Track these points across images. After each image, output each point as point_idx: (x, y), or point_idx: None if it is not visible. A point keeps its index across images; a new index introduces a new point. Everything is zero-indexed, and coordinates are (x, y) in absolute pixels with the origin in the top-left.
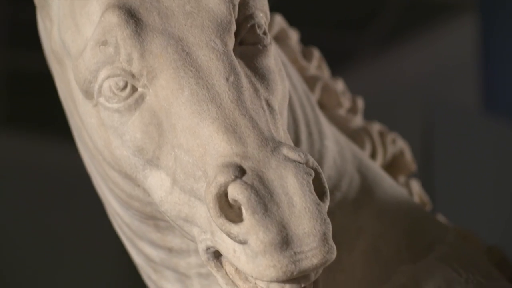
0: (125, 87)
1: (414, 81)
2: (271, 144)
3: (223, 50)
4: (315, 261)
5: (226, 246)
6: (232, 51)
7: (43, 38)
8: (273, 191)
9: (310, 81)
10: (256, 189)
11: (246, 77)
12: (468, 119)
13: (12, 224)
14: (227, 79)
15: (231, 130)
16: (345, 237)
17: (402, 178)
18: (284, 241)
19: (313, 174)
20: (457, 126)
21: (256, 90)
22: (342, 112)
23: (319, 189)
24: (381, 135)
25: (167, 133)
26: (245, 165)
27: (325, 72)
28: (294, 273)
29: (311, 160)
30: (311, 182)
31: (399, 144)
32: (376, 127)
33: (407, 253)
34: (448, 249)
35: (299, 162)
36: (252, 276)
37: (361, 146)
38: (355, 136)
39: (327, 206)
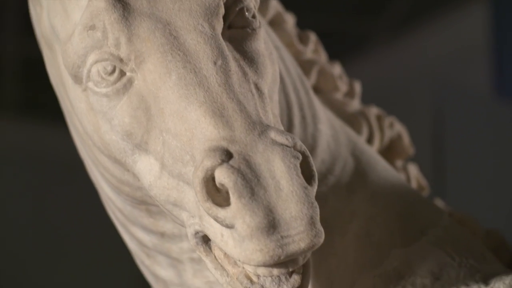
0: (113, 71)
1: (426, 66)
2: (259, 128)
3: (211, 34)
4: (302, 245)
5: (214, 230)
6: (220, 35)
7: (34, 24)
8: (260, 175)
9: (306, 65)
10: (242, 173)
11: (234, 60)
12: (479, 103)
13: (13, 211)
14: (215, 63)
15: (219, 114)
16: (338, 221)
17: (399, 162)
18: (271, 225)
19: (300, 157)
20: (468, 111)
21: (244, 74)
22: (339, 96)
23: (307, 173)
24: (379, 119)
25: (155, 117)
26: (232, 149)
27: (322, 56)
28: (281, 257)
29: (299, 143)
30: (298, 165)
31: (396, 128)
32: (373, 111)
33: (399, 237)
34: (442, 233)
35: (287, 146)
36: (239, 261)
37: (358, 130)
38: (352, 120)
39: (315, 190)
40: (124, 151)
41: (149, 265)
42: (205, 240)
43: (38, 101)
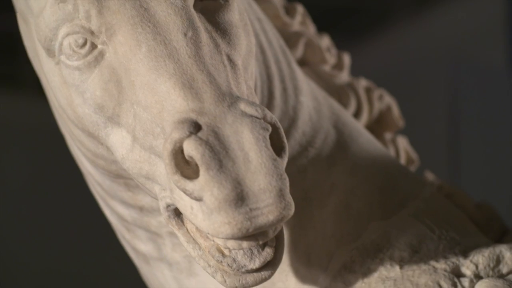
0: (84, 44)
1: (443, 44)
2: (228, 100)
3: (182, 5)
4: (271, 217)
5: (184, 203)
6: (191, 6)
7: None
8: (229, 147)
9: (293, 37)
10: (211, 145)
11: (206, 32)
12: (496, 81)
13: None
14: (185, 34)
15: (188, 86)
16: (317, 193)
17: (389, 135)
18: (239, 197)
19: (270, 129)
20: (485, 88)
21: (216, 45)
22: (327, 68)
23: (277, 144)
24: (368, 91)
25: (126, 90)
26: (201, 120)
27: (310, 28)
28: (250, 230)
29: (269, 115)
30: (267, 137)
31: (386, 100)
32: (362, 83)
33: (378, 209)
34: (422, 205)
35: (256, 117)
36: (208, 234)
37: (346, 102)
38: (340, 92)
39: (285, 162)
40: (97, 124)
41: (129, 239)
42: (177, 213)
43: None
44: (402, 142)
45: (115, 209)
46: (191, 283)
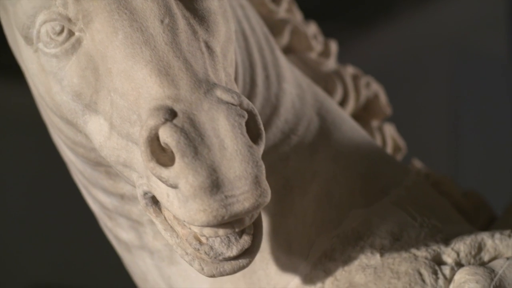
0: (61, 31)
1: (445, 33)
2: (205, 86)
3: None
4: (246, 204)
5: (160, 191)
6: None
7: None
8: (204, 134)
9: (279, 25)
10: (186, 131)
11: (184, 19)
12: (498, 70)
13: None
14: (162, 21)
15: (164, 73)
16: (299, 181)
17: (376, 122)
18: (215, 184)
19: (246, 116)
20: (487, 77)
21: (194, 32)
22: (313, 55)
23: (254, 131)
24: (355, 78)
25: (103, 77)
26: (177, 107)
27: (297, 15)
28: (225, 217)
29: (246, 101)
30: (243, 124)
31: (373, 88)
32: (349, 71)
33: (360, 197)
34: (404, 193)
35: (232, 104)
36: (184, 221)
37: (333, 89)
38: (327, 79)
39: (261, 149)
40: (75, 111)
41: (111, 227)
42: (155, 201)
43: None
44: (389, 130)
45: (97, 198)
46: (172, 271)
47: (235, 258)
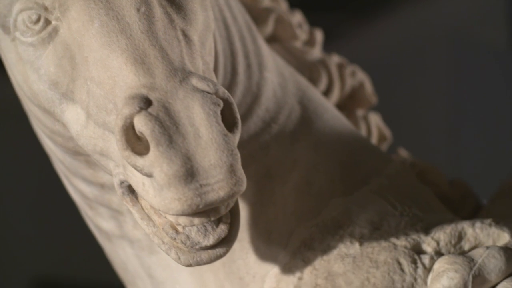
0: (38, 20)
1: (445, 22)
2: (180, 75)
3: None
4: (221, 193)
5: (136, 179)
6: None
7: None
8: (179, 122)
9: (263, 13)
10: (161, 120)
11: (160, 7)
12: (498, 59)
13: None
14: (138, 10)
15: (140, 61)
16: (280, 170)
17: (361, 111)
18: (189, 173)
19: (221, 104)
20: (487, 66)
21: (171, 21)
22: (298, 44)
23: (230, 120)
24: (340, 67)
25: (79, 66)
26: (152, 96)
27: (281, 4)
28: (200, 206)
29: (221, 90)
30: (218, 112)
31: (359, 77)
32: (334, 60)
33: (340, 186)
34: (385, 181)
35: (208, 92)
36: (159, 210)
37: (317, 78)
38: (312, 68)
39: (237, 138)
40: (52, 100)
41: (92, 217)
42: (131, 190)
43: None
44: (374, 119)
45: (77, 187)
46: (152, 261)
47: (212, 247)
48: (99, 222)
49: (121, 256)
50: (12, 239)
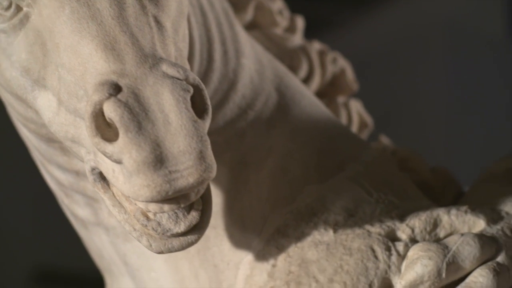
0: (9, 7)
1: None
2: (151, 61)
3: None
4: (191, 180)
5: (106, 166)
6: None
7: None
8: (149, 109)
9: (243, 0)
10: (130, 106)
11: None
12: (494, 48)
13: None
14: None
15: (110, 48)
16: (255, 157)
17: (342, 98)
18: (158, 159)
19: (191, 90)
20: (482, 55)
21: (142, 7)
22: (278, 31)
23: (200, 106)
24: (321, 54)
25: (51, 52)
26: (122, 82)
27: None
28: (170, 193)
29: (192, 76)
30: (188, 98)
31: (340, 63)
32: (315, 46)
33: (316, 172)
34: (362, 168)
35: (178, 78)
36: (129, 197)
37: (298, 65)
38: (292, 55)
39: (207, 124)
40: (24, 87)
41: (68, 204)
42: (103, 176)
43: None
44: (355, 106)
45: (53, 174)
46: (127, 248)
47: (184, 234)
48: (75, 210)
49: (97, 243)
50: (11, 229)
